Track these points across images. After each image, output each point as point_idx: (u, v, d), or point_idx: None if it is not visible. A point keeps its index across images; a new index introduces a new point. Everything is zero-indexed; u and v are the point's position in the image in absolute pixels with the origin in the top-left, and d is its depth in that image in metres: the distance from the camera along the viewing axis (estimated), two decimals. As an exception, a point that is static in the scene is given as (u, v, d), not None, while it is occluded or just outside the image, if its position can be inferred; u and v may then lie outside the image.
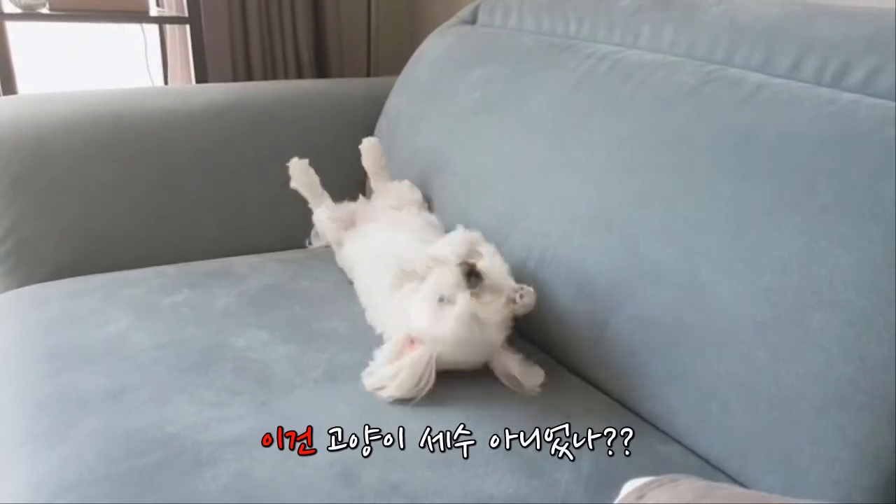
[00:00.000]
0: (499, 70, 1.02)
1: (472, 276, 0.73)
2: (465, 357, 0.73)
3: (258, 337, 0.82)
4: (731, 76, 0.75)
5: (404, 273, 0.79)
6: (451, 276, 0.73)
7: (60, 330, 0.82)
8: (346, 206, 1.04)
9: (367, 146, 1.06)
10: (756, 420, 0.62)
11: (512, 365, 0.73)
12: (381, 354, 0.74)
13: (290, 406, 0.70)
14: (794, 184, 0.63)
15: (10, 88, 1.43)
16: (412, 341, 0.73)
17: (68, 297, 0.90)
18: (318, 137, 1.21)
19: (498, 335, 0.74)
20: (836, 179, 0.61)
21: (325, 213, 1.02)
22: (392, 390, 0.70)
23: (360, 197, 1.07)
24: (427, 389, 0.70)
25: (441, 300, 0.72)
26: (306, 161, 1.03)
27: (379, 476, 0.61)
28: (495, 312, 0.73)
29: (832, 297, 0.58)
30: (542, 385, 0.74)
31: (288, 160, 1.04)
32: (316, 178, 1.03)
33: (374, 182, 1.07)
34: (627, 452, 0.65)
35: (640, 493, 0.38)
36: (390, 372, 0.71)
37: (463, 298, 0.71)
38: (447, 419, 0.69)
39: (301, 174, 1.02)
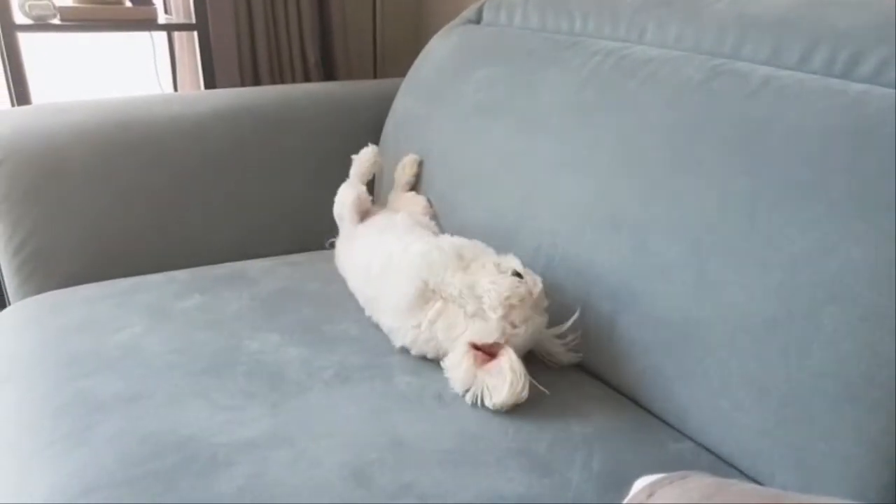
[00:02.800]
0: (504, 69, 1.02)
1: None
2: (528, 346, 0.76)
3: (270, 340, 0.82)
4: (738, 70, 0.75)
5: (429, 291, 0.78)
6: (504, 282, 0.73)
7: (77, 336, 0.83)
8: (371, 204, 1.04)
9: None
10: (769, 417, 0.62)
11: (552, 343, 0.78)
12: (457, 368, 0.72)
13: (302, 408, 0.70)
14: (804, 178, 0.63)
15: (23, 99, 1.45)
16: (476, 347, 0.73)
17: (83, 303, 0.92)
18: (326, 140, 1.21)
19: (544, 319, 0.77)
20: (846, 172, 0.61)
21: (358, 190, 1.02)
22: (506, 396, 0.69)
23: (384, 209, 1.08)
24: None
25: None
26: (379, 161, 1.09)
27: (391, 476, 0.61)
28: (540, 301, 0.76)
29: (844, 292, 0.57)
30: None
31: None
32: (372, 173, 1.07)
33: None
34: (639, 450, 0.65)
35: (651, 491, 0.37)
36: (494, 380, 0.71)
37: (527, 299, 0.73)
38: (457, 418, 0.69)
39: (366, 161, 1.07)
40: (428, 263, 0.78)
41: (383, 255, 0.85)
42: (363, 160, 1.07)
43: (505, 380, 0.69)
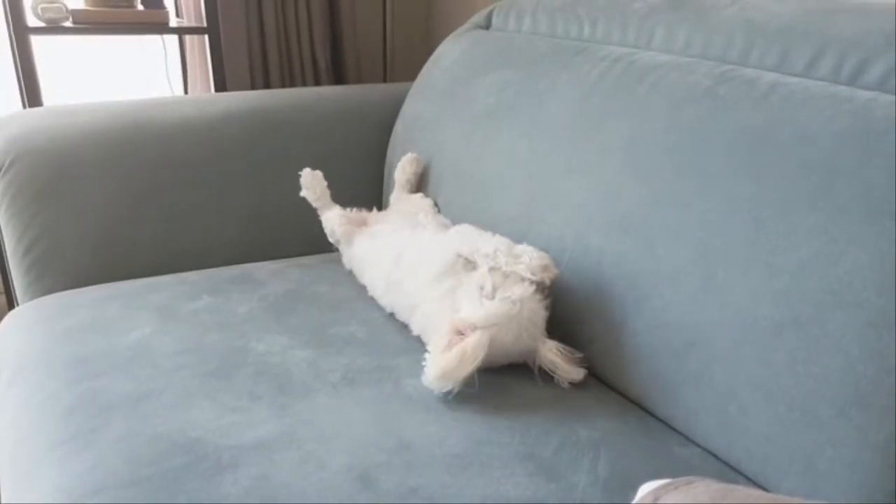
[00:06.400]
0: (513, 74, 1.03)
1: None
2: (514, 343, 0.75)
3: (278, 342, 0.83)
4: (745, 76, 0.75)
5: (460, 261, 0.80)
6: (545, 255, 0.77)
7: (86, 337, 0.84)
8: (358, 212, 1.06)
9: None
10: (775, 422, 0.62)
11: (555, 355, 0.77)
12: (433, 347, 0.74)
13: (309, 410, 0.71)
14: (811, 184, 0.63)
15: (35, 101, 1.46)
16: (459, 331, 0.73)
17: (92, 304, 0.92)
18: (335, 143, 1.22)
19: (541, 322, 0.77)
20: (853, 178, 0.61)
21: (337, 211, 1.04)
22: (428, 372, 0.71)
23: (374, 209, 1.09)
24: (474, 367, 0.70)
25: (495, 289, 0.75)
26: (319, 173, 1.07)
27: (397, 480, 0.61)
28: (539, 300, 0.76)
29: (851, 297, 0.57)
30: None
31: (306, 166, 1.07)
32: (326, 189, 1.07)
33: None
34: (645, 455, 0.65)
35: (656, 496, 0.37)
36: (449, 360, 0.71)
37: (519, 289, 0.75)
38: (464, 422, 0.69)
39: (314, 184, 1.06)
40: (462, 235, 0.85)
41: (422, 242, 0.89)
42: (310, 182, 1.06)
43: (437, 358, 0.70)
